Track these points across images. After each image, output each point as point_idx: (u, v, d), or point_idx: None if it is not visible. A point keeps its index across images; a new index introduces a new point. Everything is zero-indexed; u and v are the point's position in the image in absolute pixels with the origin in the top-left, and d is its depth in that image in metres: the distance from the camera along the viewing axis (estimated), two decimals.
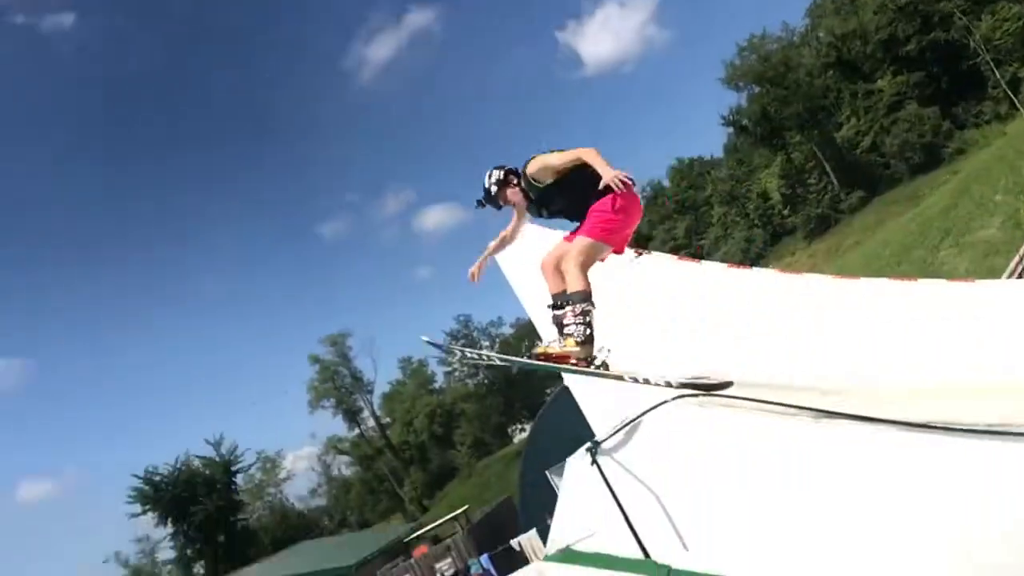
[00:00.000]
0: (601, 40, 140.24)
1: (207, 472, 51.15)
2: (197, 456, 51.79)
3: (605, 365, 4.80)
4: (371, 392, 66.83)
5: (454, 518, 28.46)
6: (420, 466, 65.52)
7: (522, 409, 65.67)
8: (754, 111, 65.99)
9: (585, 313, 4.82)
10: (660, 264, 6.71)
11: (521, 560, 21.15)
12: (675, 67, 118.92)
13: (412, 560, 23.95)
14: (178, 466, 50.42)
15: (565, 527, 4.79)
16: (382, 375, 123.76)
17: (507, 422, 67.42)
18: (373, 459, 65.22)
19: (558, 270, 5.06)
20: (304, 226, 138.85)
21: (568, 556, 4.61)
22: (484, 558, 21.43)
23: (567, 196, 5.23)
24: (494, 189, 5.44)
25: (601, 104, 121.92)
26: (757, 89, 65.42)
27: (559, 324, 4.90)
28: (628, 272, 6.26)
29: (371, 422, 68.03)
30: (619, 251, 5.25)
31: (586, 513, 4.65)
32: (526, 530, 21.70)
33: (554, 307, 4.92)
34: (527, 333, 79.76)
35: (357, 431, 67.21)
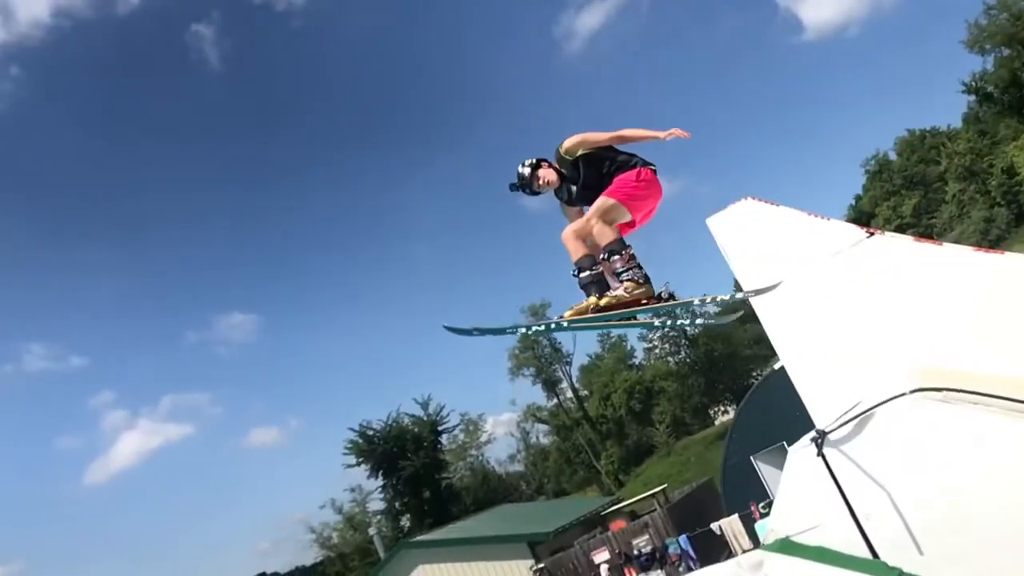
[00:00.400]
0: (823, 2, 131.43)
1: (415, 430, 54.28)
2: (407, 414, 55.10)
3: (672, 295, 5.09)
4: (570, 364, 67.89)
5: (652, 495, 28.37)
6: (617, 440, 65.72)
7: (725, 391, 63.94)
8: (1001, 76, 59.16)
9: (632, 256, 5.12)
10: (895, 245, 6.20)
11: (721, 544, 20.71)
12: (905, 30, 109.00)
13: (609, 533, 24.18)
14: (389, 423, 53.97)
15: (786, 517, 4.61)
16: (581, 347, 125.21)
17: (708, 403, 65.91)
18: (571, 430, 66.23)
19: (579, 237, 5.24)
20: (512, 196, 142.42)
21: (788, 547, 4.43)
22: (683, 538, 21.19)
23: (594, 168, 5.38)
24: (527, 171, 5.55)
25: (821, 71, 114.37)
26: (1006, 52, 58.53)
27: (599, 279, 5.12)
28: (859, 253, 5.85)
29: (569, 393, 69.13)
30: (634, 224, 5.37)
31: (809, 505, 4.45)
32: (728, 514, 21.20)
33: (582, 270, 5.09)
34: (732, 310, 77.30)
35: (555, 401, 68.53)
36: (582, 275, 5.28)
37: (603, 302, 5.11)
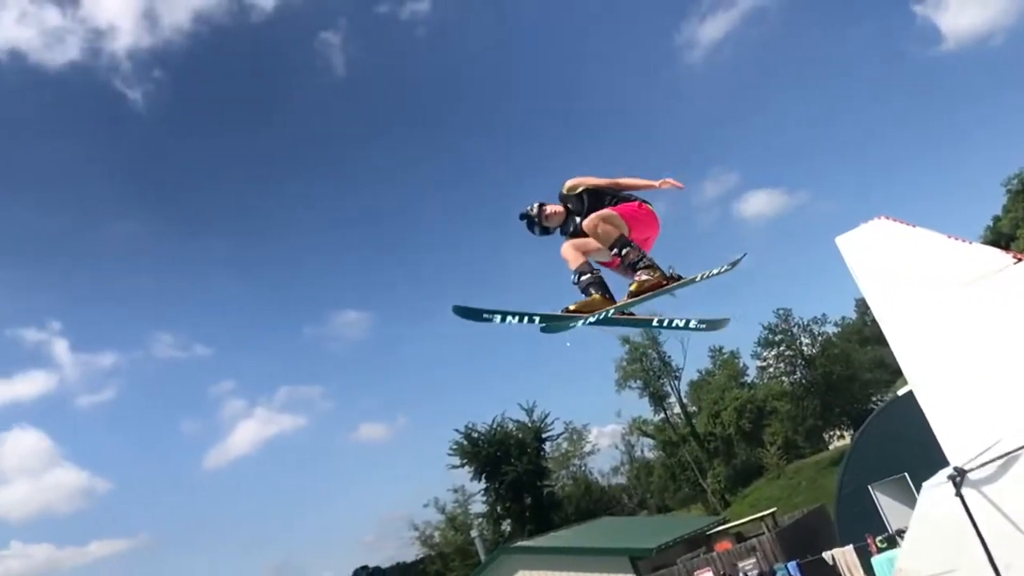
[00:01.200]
0: (964, 10, 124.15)
1: (519, 435, 54.47)
2: (511, 419, 55.36)
3: (679, 276, 5.66)
4: (678, 378, 66.58)
5: (761, 518, 27.46)
6: (724, 459, 63.98)
7: (841, 415, 61.22)
8: None
9: (637, 247, 5.69)
10: None
11: (833, 575, 19.83)
12: None
13: (714, 554, 23.55)
14: (494, 426, 54.38)
15: (918, 558, 4.34)
16: (691, 362, 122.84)
17: (823, 426, 63.25)
18: (677, 446, 64.92)
19: (577, 249, 5.82)
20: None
21: None
22: (792, 565, 20.42)
23: (596, 200, 5.98)
24: (535, 208, 6.18)
25: (961, 83, 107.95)
26: None
27: (599, 280, 5.71)
28: (1004, 280, 5.48)
29: (677, 408, 67.79)
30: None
31: (943, 547, 4.18)
32: (842, 544, 20.25)
33: (582, 274, 5.64)
34: (852, 332, 74.06)
35: (662, 415, 67.34)
36: (582, 278, 5.87)
37: (633, 287, 5.60)
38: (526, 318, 5.89)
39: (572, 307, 5.70)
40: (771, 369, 67.64)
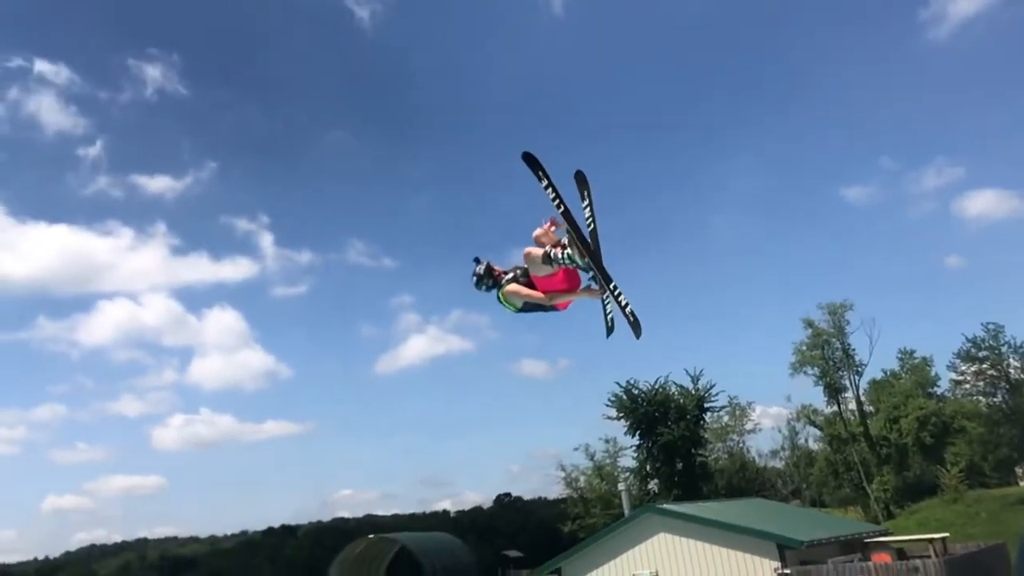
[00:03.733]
0: None
1: (680, 400, 53.68)
2: (675, 383, 54.59)
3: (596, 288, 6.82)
4: (860, 374, 62.67)
5: (930, 540, 25.67)
6: (895, 468, 60.03)
7: None
8: None
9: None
10: None
11: None
12: None
13: (871, 564, 22.39)
14: (656, 387, 53.86)
15: None
16: (876, 360, 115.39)
17: (1018, 459, 57.67)
18: (845, 443, 61.60)
19: (531, 256, 6.61)
20: (829, 186, 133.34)
21: None
22: None
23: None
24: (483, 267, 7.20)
25: None
26: None
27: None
28: None
29: (852, 404, 64.06)
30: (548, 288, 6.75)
31: None
32: None
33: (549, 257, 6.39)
34: None
35: (835, 409, 63.93)
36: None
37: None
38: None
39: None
40: (967, 385, 62.29)
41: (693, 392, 53.96)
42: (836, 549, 25.93)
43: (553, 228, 6.84)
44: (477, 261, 6.87)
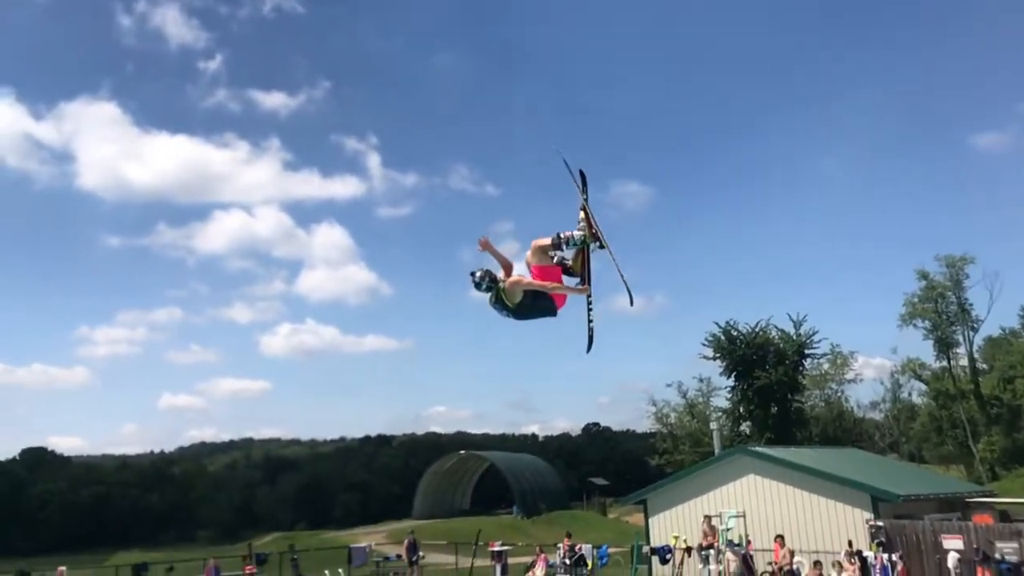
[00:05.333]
0: None
1: (780, 345, 52.69)
2: (776, 327, 53.51)
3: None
4: (975, 330, 59.53)
5: None
6: (1005, 429, 57.43)
7: None
8: None
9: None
10: None
11: None
12: None
13: (971, 524, 21.80)
14: (756, 329, 52.95)
15: None
16: (995, 316, 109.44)
17: None
18: (952, 399, 59.18)
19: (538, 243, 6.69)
20: (957, 131, 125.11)
21: None
22: None
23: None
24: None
25: None
26: None
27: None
28: None
29: (964, 361, 61.18)
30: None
31: None
32: None
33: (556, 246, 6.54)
34: None
35: (944, 364, 61.26)
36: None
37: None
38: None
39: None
40: None
41: (794, 337, 52.82)
42: (934, 506, 25.33)
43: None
44: (473, 273, 6.97)
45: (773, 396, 51.01)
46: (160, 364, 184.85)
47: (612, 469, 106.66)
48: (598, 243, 6.81)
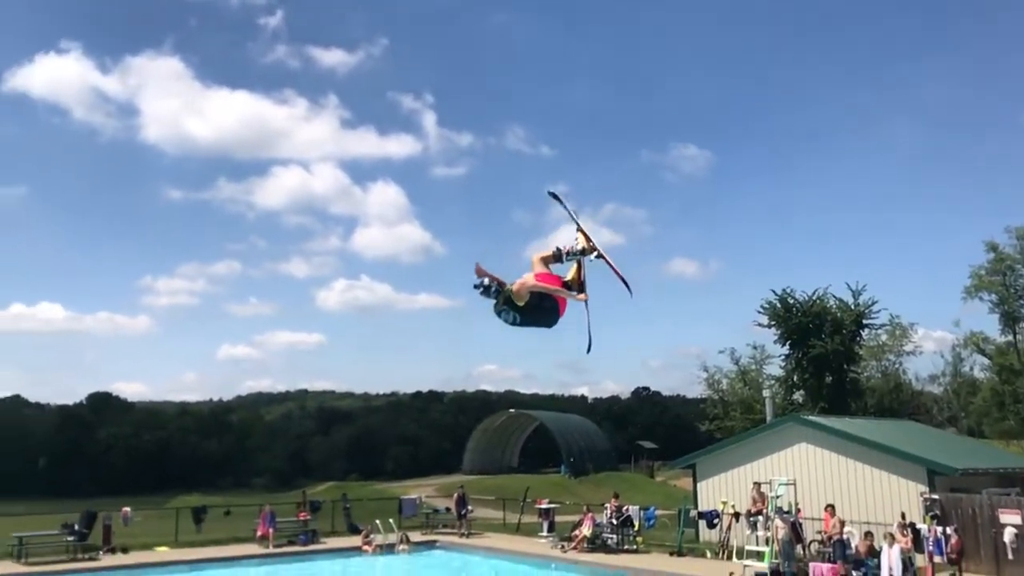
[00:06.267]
0: None
1: (838, 314, 51.58)
2: (834, 296, 52.38)
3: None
4: None
5: None
6: None
7: None
8: None
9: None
10: None
11: None
12: None
13: None
14: (813, 298, 51.92)
15: None
16: None
17: None
18: (1017, 375, 57.42)
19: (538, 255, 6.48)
20: None
21: None
22: None
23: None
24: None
25: None
26: None
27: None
28: None
29: None
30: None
31: None
32: None
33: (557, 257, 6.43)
34: None
35: (1010, 338, 59.29)
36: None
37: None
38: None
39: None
40: None
41: (852, 307, 51.66)
42: (993, 480, 24.78)
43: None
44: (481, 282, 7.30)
45: (828, 366, 50.17)
46: (219, 315, 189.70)
47: (660, 433, 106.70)
48: (596, 254, 7.03)
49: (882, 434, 27.56)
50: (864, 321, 52.46)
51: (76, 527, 24.57)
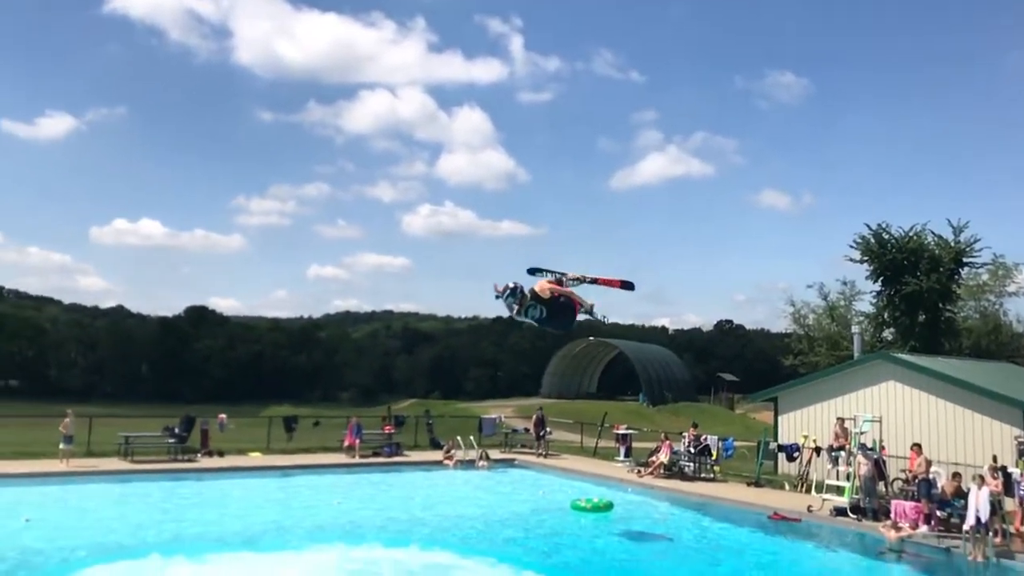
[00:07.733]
0: None
1: (936, 251, 49.36)
2: (932, 232, 50.06)
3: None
4: None
5: None
6: None
7: None
8: None
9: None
10: None
11: None
12: None
13: None
14: (910, 233, 49.78)
15: None
16: None
17: None
18: None
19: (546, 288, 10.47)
20: None
21: None
22: None
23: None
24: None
25: None
26: None
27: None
28: None
29: None
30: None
31: None
32: None
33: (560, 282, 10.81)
34: None
35: None
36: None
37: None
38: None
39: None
40: None
41: (952, 245, 49.32)
42: None
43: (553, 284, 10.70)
44: (507, 287, 10.83)
45: (922, 304, 48.29)
46: (309, 236, 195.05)
47: (742, 366, 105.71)
48: (589, 280, 10.18)
49: (976, 375, 26.65)
50: (964, 259, 50.07)
51: (176, 430, 26.23)
